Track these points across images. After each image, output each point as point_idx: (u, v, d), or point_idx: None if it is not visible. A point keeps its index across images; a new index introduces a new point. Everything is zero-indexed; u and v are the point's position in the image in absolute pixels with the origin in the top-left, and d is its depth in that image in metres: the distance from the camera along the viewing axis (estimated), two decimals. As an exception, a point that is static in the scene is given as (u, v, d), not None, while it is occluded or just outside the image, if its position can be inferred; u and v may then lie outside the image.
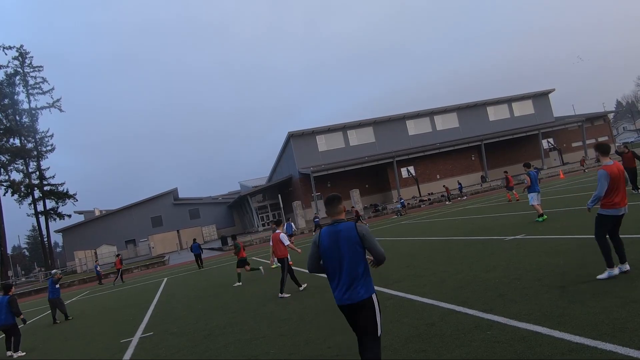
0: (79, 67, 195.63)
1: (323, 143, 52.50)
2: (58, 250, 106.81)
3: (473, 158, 53.83)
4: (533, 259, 8.26)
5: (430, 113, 56.01)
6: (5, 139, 56.02)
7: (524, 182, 14.00)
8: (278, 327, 7.23)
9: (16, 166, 57.70)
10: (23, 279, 61.76)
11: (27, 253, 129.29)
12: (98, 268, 32.45)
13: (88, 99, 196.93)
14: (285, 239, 10.56)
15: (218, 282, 15.85)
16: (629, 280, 5.78)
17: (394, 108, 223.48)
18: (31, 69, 61.13)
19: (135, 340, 8.51)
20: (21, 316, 9.97)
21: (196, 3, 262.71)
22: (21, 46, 60.17)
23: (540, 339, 4.42)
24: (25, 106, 60.60)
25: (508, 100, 58.97)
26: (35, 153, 60.02)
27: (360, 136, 53.60)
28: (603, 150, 6.44)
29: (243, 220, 71.01)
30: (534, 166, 14.23)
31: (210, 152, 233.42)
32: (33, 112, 61.08)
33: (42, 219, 60.47)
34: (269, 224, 59.70)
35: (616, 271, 6.05)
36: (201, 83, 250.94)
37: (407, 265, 10.63)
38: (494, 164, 52.71)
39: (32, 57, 61.15)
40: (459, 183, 41.93)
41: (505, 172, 28.57)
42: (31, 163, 59.81)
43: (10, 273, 50.12)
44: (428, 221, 23.32)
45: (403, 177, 49.52)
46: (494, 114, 58.36)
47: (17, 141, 58.24)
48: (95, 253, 60.31)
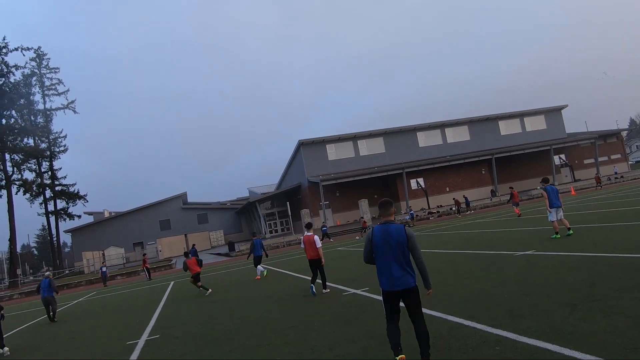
0: (95, 72, 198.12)
1: (333, 152, 52.56)
2: (66, 250, 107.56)
3: (483, 172, 53.56)
4: (543, 275, 8.17)
5: (441, 125, 55.92)
6: (19, 139, 56.78)
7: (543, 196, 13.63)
8: (284, 335, 7.20)
9: (29, 165, 58.37)
10: (31, 278, 62.15)
11: (36, 252, 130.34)
12: (104, 269, 32.65)
13: (102, 103, 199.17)
14: (318, 241, 10.95)
15: (223, 288, 15.83)
16: (641, 300, 5.70)
17: (405, 120, 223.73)
18: (47, 70, 62.05)
19: (141, 342, 8.52)
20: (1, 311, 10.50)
21: (209, 16, 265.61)
22: (39, 48, 61.14)
23: (549, 356, 4.37)
24: (40, 107, 61.45)
25: (520, 114, 58.74)
26: (48, 153, 60.71)
27: (370, 146, 53.61)
28: None
29: (251, 226, 71.10)
30: (545, 182, 14.00)
31: (220, 158, 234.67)
32: (48, 113, 61.91)
33: (52, 219, 61.03)
34: (278, 231, 59.75)
35: None
36: (213, 91, 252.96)
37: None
38: (505, 179, 52.40)
39: (49, 59, 62.13)
40: (465, 197, 41.78)
41: (510, 188, 29.01)
42: (44, 163, 60.49)
43: (18, 271, 50.48)
44: (437, 233, 23.18)
45: (412, 189, 49.36)
46: (506, 128, 58.11)
47: (31, 141, 59.00)
48: (103, 254, 60.64)
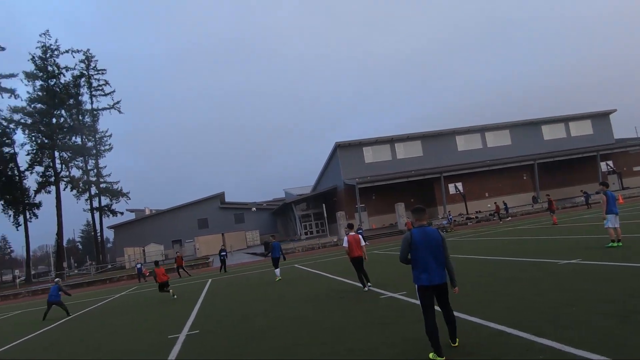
0: (138, 72, 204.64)
1: (370, 155, 52.34)
2: (108, 245, 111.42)
3: (525, 177, 52.08)
4: (588, 285, 7.90)
5: (481, 129, 54.77)
6: (68, 137, 59.37)
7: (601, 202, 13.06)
8: (319, 335, 7.24)
9: (76, 163, 60.91)
10: (76, 271, 64.78)
11: (80, 247, 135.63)
12: (139, 266, 33.75)
13: (145, 103, 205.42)
14: (363, 240, 11.63)
15: (259, 287, 16.03)
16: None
17: (443, 124, 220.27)
18: (95, 72, 64.75)
19: (182, 336, 8.75)
20: None
21: (248, 18, 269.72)
22: (87, 50, 63.93)
23: (597, 368, 4.23)
24: (88, 107, 64.16)
25: (565, 119, 56.81)
26: (94, 151, 63.29)
27: (407, 149, 53.09)
28: None
29: (286, 227, 71.67)
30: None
31: (257, 160, 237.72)
32: (95, 113, 64.58)
33: (97, 215, 63.45)
34: (314, 232, 59.99)
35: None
36: (251, 91, 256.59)
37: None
38: (547, 185, 50.74)
39: (97, 61, 64.78)
40: (504, 203, 40.78)
41: (547, 195, 28.74)
42: (90, 161, 63.04)
43: (64, 264, 52.68)
44: (476, 239, 22.73)
45: (450, 193, 48.55)
46: (549, 133, 56.28)
47: (79, 139, 61.60)
48: (143, 250, 62.54)
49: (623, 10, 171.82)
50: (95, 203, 63.55)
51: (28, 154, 57.51)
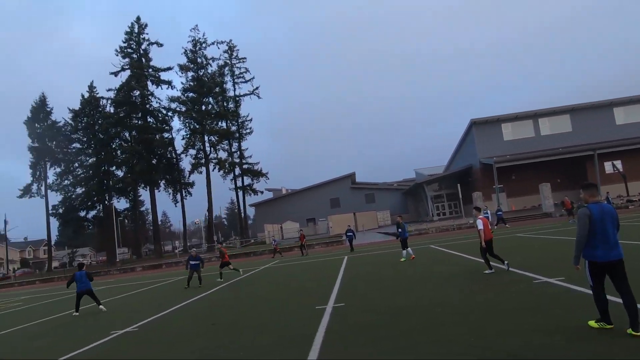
0: (273, 55, 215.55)
1: (509, 132, 48.94)
2: (249, 222, 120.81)
3: None
4: None
5: (645, 99, 47.71)
6: (215, 122, 65.11)
7: None
8: (464, 317, 6.98)
9: (222, 146, 66.65)
10: (224, 244, 71.60)
11: (226, 222, 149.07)
12: (274, 243, 36.46)
13: (281, 87, 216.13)
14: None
15: (397, 266, 15.97)
16: None
17: (597, 95, 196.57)
18: (237, 61, 69.59)
19: (329, 308, 9.10)
20: None
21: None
22: (230, 40, 68.88)
23: None
24: (231, 94, 69.46)
25: None
26: (237, 135, 68.56)
27: (553, 125, 48.48)
28: None
29: (417, 208, 70.61)
30: None
31: (387, 139, 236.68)
32: (237, 99, 69.69)
33: (240, 194, 69.04)
34: (447, 214, 58.25)
35: None
36: (382, 71, 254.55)
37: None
38: None
39: (238, 50, 69.48)
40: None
41: None
42: (234, 144, 68.51)
43: (215, 238, 58.37)
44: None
45: (606, 173, 43.37)
46: None
47: (224, 124, 67.18)
48: (281, 227, 66.56)
49: None
50: (238, 183, 69.13)
51: (183, 139, 64.66)
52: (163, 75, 64.78)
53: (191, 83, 64.17)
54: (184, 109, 63.22)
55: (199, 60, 64.89)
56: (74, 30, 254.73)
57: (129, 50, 62.94)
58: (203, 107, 63.82)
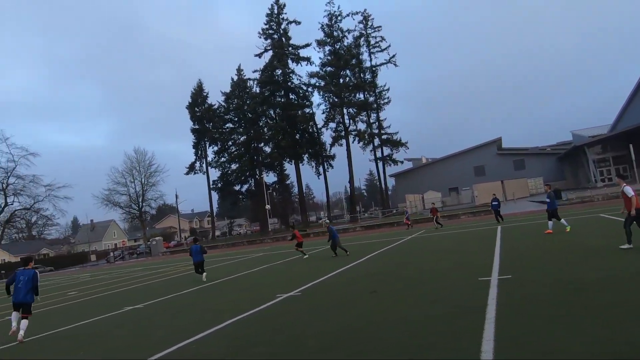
0: (410, 21, 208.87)
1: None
2: (389, 193, 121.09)
3: None
4: None
5: None
6: (353, 94, 65.75)
7: None
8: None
9: (361, 118, 67.19)
10: (366, 215, 72.94)
11: (365, 194, 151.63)
12: (407, 214, 35.82)
13: (418, 52, 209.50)
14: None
15: (558, 237, 14.47)
16: None
17: None
18: (372, 30, 68.86)
19: (493, 280, 8.56)
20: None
21: None
22: (365, 10, 68.33)
23: None
24: (367, 64, 69.21)
25: None
26: (375, 106, 68.42)
27: None
28: None
29: (576, 174, 63.64)
30: None
31: (538, 101, 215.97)
32: (373, 69, 69.22)
33: (380, 165, 69.25)
34: (612, 179, 51.62)
35: None
36: (538, 22, 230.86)
37: None
38: None
39: (373, 19, 68.58)
40: None
41: None
42: (372, 114, 68.57)
43: (357, 208, 59.62)
44: None
45: None
46: None
47: (362, 96, 67.49)
48: (422, 198, 65.46)
49: None
50: (378, 153, 69.30)
51: (323, 113, 66.64)
52: (302, 52, 67.06)
53: (328, 57, 65.37)
54: (323, 84, 64.83)
55: (335, 33, 65.62)
56: (222, 20, 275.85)
57: (270, 31, 66.18)
58: (341, 80, 64.73)
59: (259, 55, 66.31)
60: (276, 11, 66.06)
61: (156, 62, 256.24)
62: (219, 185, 71.27)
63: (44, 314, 13.20)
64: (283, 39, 66.05)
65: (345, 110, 65.50)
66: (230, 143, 71.17)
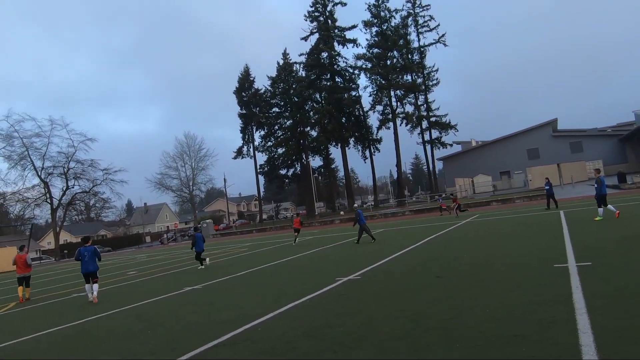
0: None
1: None
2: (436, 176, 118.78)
3: None
4: None
5: None
6: (400, 76, 64.35)
7: None
8: None
9: (409, 100, 65.79)
10: (413, 199, 71.83)
11: (411, 178, 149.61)
12: (440, 199, 37.00)
13: (470, 32, 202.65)
14: None
15: (623, 222, 13.53)
16: None
17: None
18: (420, 9, 66.89)
19: (572, 267, 8.00)
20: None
21: None
22: (413, -12, 66.33)
23: None
24: (415, 45, 67.47)
25: None
26: (423, 87, 66.74)
27: None
28: None
29: (639, 155, 60.00)
30: None
31: (597, 80, 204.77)
32: (422, 50, 67.44)
33: (428, 148, 67.75)
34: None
35: None
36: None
37: None
38: None
39: (422, -2, 66.57)
40: None
41: None
42: (420, 96, 66.97)
43: (405, 192, 58.78)
44: None
45: None
46: None
47: (409, 77, 65.96)
48: (472, 181, 63.65)
49: None
50: (426, 136, 67.79)
51: (370, 95, 65.77)
52: (348, 34, 66.17)
53: (375, 39, 64.16)
54: (370, 66, 63.77)
55: (382, 14, 64.22)
56: (268, 4, 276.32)
57: (316, 13, 65.55)
58: (388, 62, 63.46)
59: (305, 38, 65.99)
60: (322, -8, 65.31)
61: (205, 49, 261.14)
62: (266, 169, 72.06)
63: (107, 292, 13.67)
64: (329, 21, 65.30)
65: (392, 92, 64.28)
66: (276, 127, 71.61)
